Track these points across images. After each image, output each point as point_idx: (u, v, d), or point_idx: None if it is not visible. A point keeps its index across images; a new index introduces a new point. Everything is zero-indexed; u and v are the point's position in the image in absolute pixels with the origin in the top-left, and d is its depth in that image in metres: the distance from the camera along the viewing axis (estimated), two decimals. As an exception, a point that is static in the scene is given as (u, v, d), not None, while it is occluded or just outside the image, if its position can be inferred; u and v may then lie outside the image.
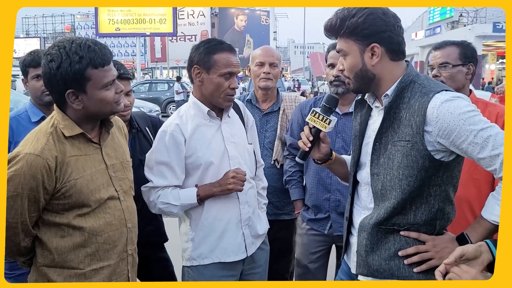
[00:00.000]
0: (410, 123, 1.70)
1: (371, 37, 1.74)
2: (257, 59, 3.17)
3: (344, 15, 1.76)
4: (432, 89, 1.70)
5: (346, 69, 1.85)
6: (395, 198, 1.74)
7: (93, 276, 1.85)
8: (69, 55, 1.73)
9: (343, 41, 1.81)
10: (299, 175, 3.05)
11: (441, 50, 2.60)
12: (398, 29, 1.79)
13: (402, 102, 1.75)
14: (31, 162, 1.69)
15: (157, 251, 2.87)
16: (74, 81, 1.75)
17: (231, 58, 2.27)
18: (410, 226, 1.77)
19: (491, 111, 2.45)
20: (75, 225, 1.80)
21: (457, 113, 1.61)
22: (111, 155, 1.97)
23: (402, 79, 1.77)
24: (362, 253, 1.84)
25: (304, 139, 1.93)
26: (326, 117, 1.87)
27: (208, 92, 2.29)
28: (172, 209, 2.27)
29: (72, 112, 1.83)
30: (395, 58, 1.79)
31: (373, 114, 1.91)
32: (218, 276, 2.30)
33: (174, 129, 2.26)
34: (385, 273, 1.79)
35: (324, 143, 1.97)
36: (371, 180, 1.83)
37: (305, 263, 2.95)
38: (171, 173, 2.27)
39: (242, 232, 2.35)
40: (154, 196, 2.29)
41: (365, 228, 1.83)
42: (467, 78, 2.57)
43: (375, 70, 1.78)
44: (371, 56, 1.77)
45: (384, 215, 1.77)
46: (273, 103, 3.24)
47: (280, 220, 3.16)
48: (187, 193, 2.26)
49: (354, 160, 1.95)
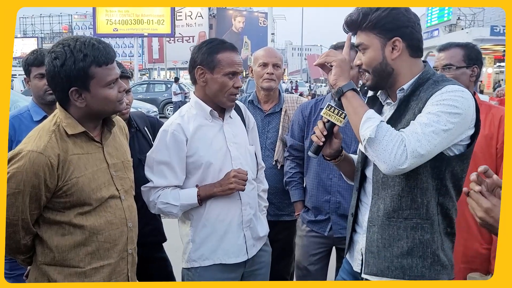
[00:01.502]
0: (413, 111, 1.72)
1: (394, 31, 1.76)
2: (260, 60, 3.16)
3: (367, 10, 1.78)
4: (444, 84, 1.71)
5: (365, 63, 1.85)
6: (399, 184, 1.75)
7: (93, 274, 1.84)
8: (73, 53, 1.74)
9: (364, 34, 1.82)
10: (300, 177, 3.04)
11: (445, 51, 2.60)
12: (419, 26, 1.82)
13: (414, 95, 1.76)
14: (33, 160, 1.69)
15: (156, 251, 2.86)
16: (78, 79, 1.75)
17: (234, 58, 2.27)
18: (421, 220, 1.75)
19: (494, 113, 2.45)
20: (76, 223, 1.80)
21: (443, 98, 1.64)
22: (112, 154, 1.96)
23: (420, 75, 1.79)
24: (373, 249, 1.82)
25: (318, 133, 1.90)
26: (342, 112, 1.84)
27: (212, 92, 2.28)
28: (172, 210, 2.25)
29: (75, 110, 1.83)
30: (414, 54, 1.82)
31: (384, 110, 1.93)
32: (218, 279, 2.28)
33: (176, 129, 2.25)
34: (396, 272, 1.77)
35: (337, 139, 1.95)
36: (373, 169, 1.84)
37: (305, 265, 2.94)
38: (171, 173, 2.25)
39: (244, 233, 2.33)
40: (154, 196, 2.27)
41: (375, 222, 1.82)
42: (471, 80, 2.56)
43: (395, 64, 1.80)
44: (392, 50, 1.78)
45: (391, 204, 1.77)
46: (275, 104, 3.24)
47: (281, 221, 3.15)
48: (187, 193, 2.25)
49: (363, 156, 1.93)
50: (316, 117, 2.94)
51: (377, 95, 1.94)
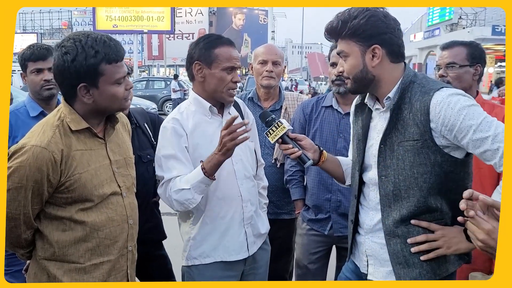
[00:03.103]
0: (415, 122, 1.72)
1: (373, 38, 1.77)
2: (260, 57, 3.15)
3: (346, 17, 1.79)
4: (431, 88, 1.73)
5: (346, 71, 1.87)
6: (414, 196, 1.76)
7: (92, 271, 1.84)
8: (84, 49, 1.74)
9: (345, 42, 1.83)
10: (300, 175, 3.03)
11: (449, 50, 2.59)
12: (398, 32, 1.83)
13: (404, 102, 1.77)
14: (37, 154, 1.69)
15: (156, 249, 2.85)
16: (88, 75, 1.75)
17: (232, 52, 2.25)
18: (436, 221, 1.79)
19: (498, 113, 2.43)
20: (77, 219, 1.79)
21: (458, 108, 1.64)
22: (115, 151, 1.96)
23: (402, 80, 1.80)
24: (400, 260, 1.82)
25: (287, 151, 1.99)
26: (275, 124, 2.00)
27: (210, 88, 2.26)
28: (187, 195, 2.13)
29: (80, 106, 1.83)
30: (395, 60, 1.82)
31: (374, 116, 1.93)
32: (219, 277, 2.27)
33: (174, 123, 2.23)
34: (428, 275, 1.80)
35: (301, 141, 2.02)
36: (379, 182, 1.84)
37: (305, 264, 2.94)
38: (179, 164, 2.20)
39: (245, 230, 2.32)
40: (167, 190, 2.19)
41: (394, 233, 1.83)
42: (474, 79, 2.55)
43: (375, 71, 1.81)
44: (372, 57, 1.79)
45: (408, 214, 1.78)
46: (275, 102, 3.23)
47: (280, 220, 3.14)
48: (193, 172, 2.16)
49: (359, 163, 1.95)
50: (317, 115, 2.93)
51: (364, 101, 1.95)
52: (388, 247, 1.84)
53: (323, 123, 2.91)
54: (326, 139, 2.85)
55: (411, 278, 1.79)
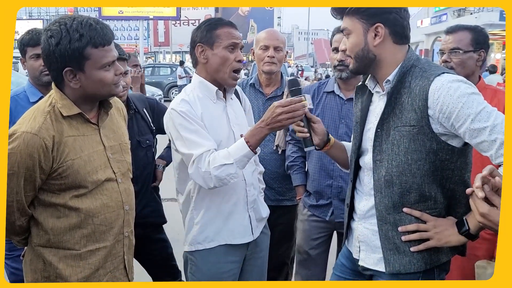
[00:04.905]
0: (413, 107, 1.69)
1: (376, 16, 1.74)
2: (261, 43, 3.11)
3: None
4: (432, 73, 1.69)
5: (348, 49, 1.85)
6: (407, 182, 1.74)
7: (88, 257, 1.83)
8: (69, 32, 1.70)
9: (349, 19, 1.80)
10: (302, 161, 3.02)
11: (453, 34, 2.56)
12: (404, 13, 1.79)
13: (403, 86, 1.73)
14: (28, 141, 1.67)
15: (156, 232, 2.88)
16: (73, 59, 1.71)
17: (233, 31, 2.22)
18: (429, 210, 1.76)
19: (500, 99, 2.40)
20: (71, 206, 1.78)
21: (457, 95, 1.60)
22: (109, 137, 1.93)
23: (403, 64, 1.76)
24: (391, 246, 1.81)
25: (297, 128, 1.99)
26: (301, 95, 1.96)
27: (213, 69, 2.22)
28: (229, 169, 2.03)
29: (70, 91, 1.80)
30: (398, 41, 1.78)
31: (374, 99, 1.91)
32: (223, 262, 2.25)
33: (186, 105, 2.15)
34: (418, 264, 1.78)
35: (315, 122, 2.01)
36: (374, 166, 1.82)
37: (306, 250, 2.93)
38: (205, 140, 2.10)
39: (249, 214, 2.30)
40: (204, 166, 2.05)
41: (386, 219, 1.81)
42: (477, 65, 2.52)
43: (377, 51, 1.78)
44: (374, 36, 1.76)
45: (400, 200, 1.76)
46: (276, 88, 3.19)
47: (281, 206, 3.14)
48: (235, 146, 2.08)
49: (356, 147, 1.93)
50: (319, 101, 2.91)
51: (365, 83, 1.92)
52: (380, 232, 1.82)
53: (325, 108, 2.88)
54: (328, 125, 2.82)
55: (401, 265, 1.77)
